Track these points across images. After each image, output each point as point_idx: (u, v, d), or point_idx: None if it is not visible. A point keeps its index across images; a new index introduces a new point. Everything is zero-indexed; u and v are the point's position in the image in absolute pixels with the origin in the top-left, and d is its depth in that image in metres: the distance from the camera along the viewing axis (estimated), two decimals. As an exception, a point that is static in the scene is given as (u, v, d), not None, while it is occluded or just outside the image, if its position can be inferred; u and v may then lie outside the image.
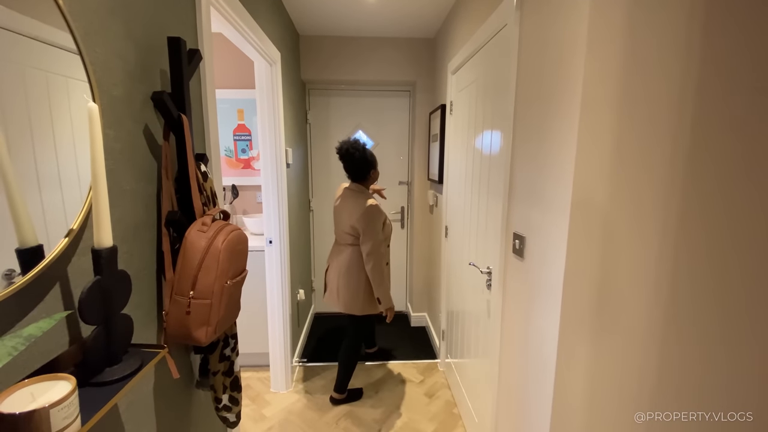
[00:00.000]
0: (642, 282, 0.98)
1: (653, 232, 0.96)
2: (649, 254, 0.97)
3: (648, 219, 0.95)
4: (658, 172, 0.93)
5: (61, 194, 0.57)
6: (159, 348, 0.69)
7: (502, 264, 1.41)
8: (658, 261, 0.97)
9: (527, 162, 1.20)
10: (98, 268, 0.57)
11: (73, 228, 0.59)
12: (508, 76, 1.33)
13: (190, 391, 1.05)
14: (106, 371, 0.60)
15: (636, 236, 0.96)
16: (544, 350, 1.09)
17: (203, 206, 0.90)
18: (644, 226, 0.95)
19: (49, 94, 0.57)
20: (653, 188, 0.94)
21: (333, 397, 2.18)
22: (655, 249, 0.96)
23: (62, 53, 0.59)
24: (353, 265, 1.95)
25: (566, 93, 0.96)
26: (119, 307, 0.62)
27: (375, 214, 1.87)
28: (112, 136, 0.72)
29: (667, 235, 0.96)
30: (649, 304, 0.99)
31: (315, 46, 2.77)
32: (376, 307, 2.00)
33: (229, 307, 0.87)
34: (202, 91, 1.05)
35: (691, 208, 0.94)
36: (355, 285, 1.95)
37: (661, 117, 0.91)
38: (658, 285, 0.98)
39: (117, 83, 0.74)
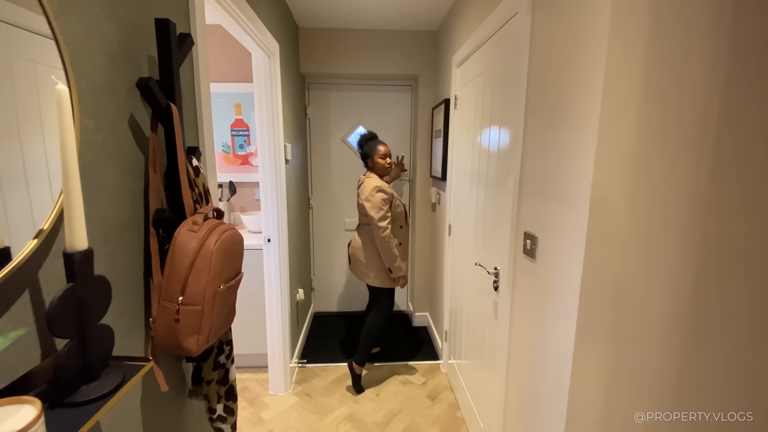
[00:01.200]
0: (663, 285, 0.92)
1: (676, 233, 0.89)
2: (672, 256, 0.90)
3: (671, 218, 0.89)
4: (682, 167, 0.87)
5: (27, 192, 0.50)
6: (144, 361, 0.62)
7: (511, 265, 1.34)
8: (680, 263, 0.90)
9: (540, 157, 1.13)
10: (71, 274, 0.50)
11: (43, 228, 0.52)
12: (519, 65, 1.26)
13: (182, 400, 0.98)
14: (82, 389, 0.53)
15: (658, 236, 0.89)
16: (557, 356, 1.03)
17: (194, 204, 0.83)
18: (667, 225, 0.89)
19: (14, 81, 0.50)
20: (677, 185, 0.87)
21: (352, 366, 2.25)
22: (678, 250, 0.90)
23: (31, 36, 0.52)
24: (365, 241, 2.19)
25: (586, 81, 0.90)
26: (96, 317, 0.55)
27: (376, 194, 2.07)
28: (92, 127, 0.65)
29: (690, 235, 0.89)
30: (670, 308, 0.93)
31: (314, 38, 2.69)
32: (388, 280, 2.18)
33: (223, 314, 0.80)
34: (195, 79, 0.98)
35: (715, 207, 0.88)
36: (368, 258, 2.19)
37: (687, 109, 0.85)
38: (679, 288, 0.92)
39: (97, 67, 0.67)
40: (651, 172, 0.87)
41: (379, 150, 2.20)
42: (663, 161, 0.86)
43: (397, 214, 2.18)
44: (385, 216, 2.06)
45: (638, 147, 0.86)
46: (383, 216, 2.05)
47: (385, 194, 2.08)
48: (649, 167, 0.87)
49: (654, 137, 0.86)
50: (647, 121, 0.85)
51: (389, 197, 2.10)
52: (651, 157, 0.86)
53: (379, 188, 2.07)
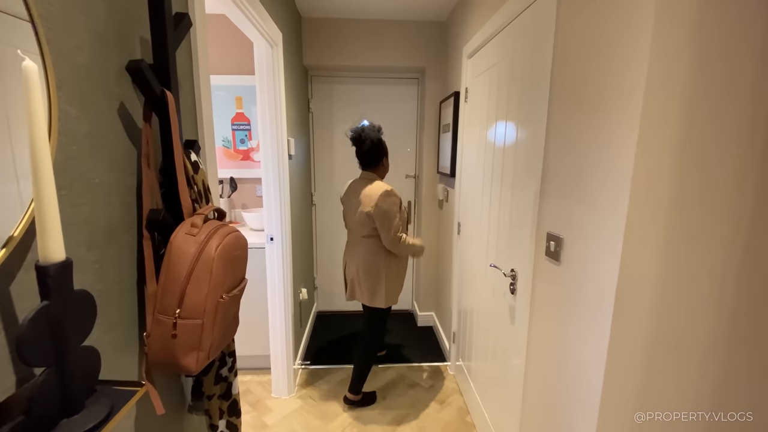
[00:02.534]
0: (706, 294, 0.84)
1: (721, 237, 0.81)
2: (716, 262, 0.82)
3: (717, 219, 0.81)
4: (732, 163, 0.78)
5: None
6: (136, 385, 0.54)
7: (530, 267, 1.26)
8: (723, 271, 0.82)
9: (567, 152, 1.05)
10: (45, 291, 0.42)
11: (13, 235, 0.44)
12: (542, 54, 1.17)
13: (182, 416, 0.91)
14: (62, 424, 0.45)
15: (702, 239, 0.81)
16: (586, 364, 0.95)
17: (193, 203, 0.74)
18: (712, 227, 0.81)
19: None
20: (725, 182, 0.79)
21: (347, 397, 2.06)
22: (722, 256, 0.82)
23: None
24: (371, 256, 1.83)
25: (626, 69, 0.81)
26: (78, 339, 0.47)
27: (387, 199, 1.72)
28: (74, 116, 0.57)
29: (736, 242, 0.81)
30: (712, 318, 0.85)
31: (318, 28, 2.59)
32: (397, 297, 1.93)
33: (225, 326, 0.72)
34: (194, 65, 0.89)
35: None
36: (375, 276, 1.84)
37: (740, 97, 0.76)
38: (721, 298, 0.84)
39: (81, 47, 0.58)
40: (699, 165, 0.78)
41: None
42: (713, 153, 0.78)
43: (405, 218, 1.89)
44: (398, 226, 1.76)
45: (685, 138, 0.77)
46: (397, 225, 1.75)
47: (397, 198, 1.77)
48: (698, 161, 0.78)
49: (704, 128, 0.77)
50: (697, 109, 0.76)
51: (399, 200, 1.79)
52: (699, 150, 0.78)
53: (390, 192, 1.75)
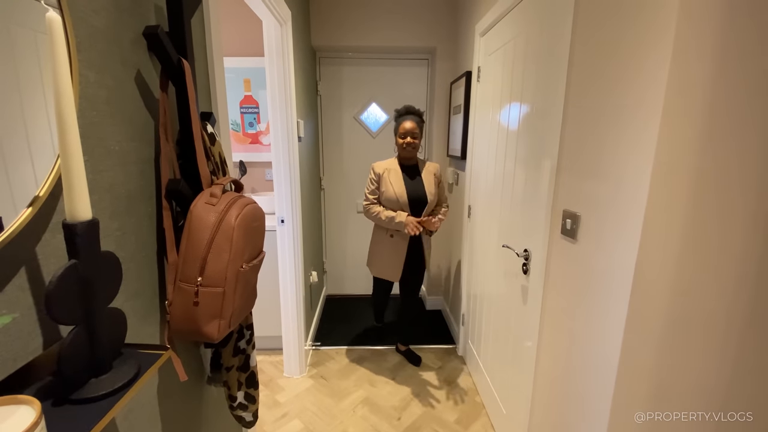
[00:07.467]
0: (726, 277, 0.82)
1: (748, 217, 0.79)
2: (736, 244, 0.80)
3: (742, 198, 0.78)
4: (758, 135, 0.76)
5: (29, 149, 0.41)
6: (161, 349, 0.55)
7: (545, 246, 1.25)
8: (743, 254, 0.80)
9: (585, 127, 1.02)
10: (73, 249, 0.42)
11: (39, 195, 0.44)
12: (559, 28, 1.14)
13: (201, 388, 0.92)
14: (91, 383, 0.46)
15: (727, 219, 0.79)
16: (602, 344, 0.95)
17: (211, 175, 0.74)
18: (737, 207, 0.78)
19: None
20: (751, 158, 0.76)
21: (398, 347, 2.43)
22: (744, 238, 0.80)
23: None
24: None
25: (652, 33, 0.78)
26: (105, 299, 0.48)
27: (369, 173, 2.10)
28: (93, 80, 0.56)
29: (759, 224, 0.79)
30: (731, 302, 0.83)
31: (326, 7, 2.54)
32: (381, 270, 2.16)
33: (245, 296, 0.73)
34: (206, 35, 0.87)
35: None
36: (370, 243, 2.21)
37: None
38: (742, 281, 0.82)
39: (98, 10, 0.57)
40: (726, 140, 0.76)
41: (400, 128, 2.01)
42: (742, 126, 0.75)
43: (386, 195, 1.99)
44: (366, 196, 2.08)
45: (711, 109, 0.75)
46: (365, 195, 2.08)
47: (372, 173, 2.07)
48: (725, 135, 0.76)
49: (729, 101, 0.74)
50: (726, 77, 0.73)
51: (375, 177, 2.06)
52: (725, 123, 0.75)
53: (371, 167, 2.09)
